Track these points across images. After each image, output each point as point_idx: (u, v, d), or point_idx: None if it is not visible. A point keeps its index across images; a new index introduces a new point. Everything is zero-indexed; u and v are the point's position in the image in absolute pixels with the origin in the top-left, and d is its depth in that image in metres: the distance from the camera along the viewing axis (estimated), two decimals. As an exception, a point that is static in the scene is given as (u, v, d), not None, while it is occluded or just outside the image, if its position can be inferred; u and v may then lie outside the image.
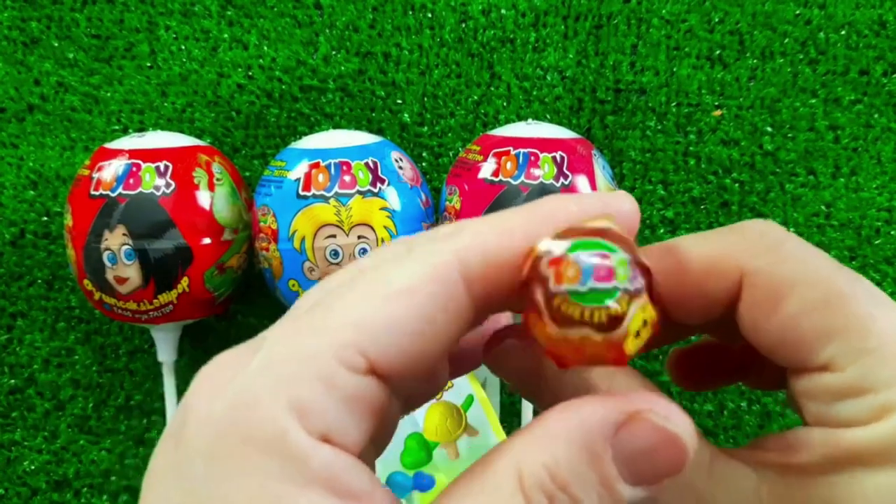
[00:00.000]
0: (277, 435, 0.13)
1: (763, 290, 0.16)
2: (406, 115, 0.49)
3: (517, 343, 0.18)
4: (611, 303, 0.14)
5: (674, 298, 0.18)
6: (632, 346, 0.14)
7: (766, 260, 0.17)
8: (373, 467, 0.15)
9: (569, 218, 0.15)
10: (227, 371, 0.15)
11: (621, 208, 0.16)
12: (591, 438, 0.14)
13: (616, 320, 0.14)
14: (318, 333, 0.14)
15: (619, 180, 0.48)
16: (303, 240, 0.39)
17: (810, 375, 0.16)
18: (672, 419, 0.14)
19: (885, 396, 0.15)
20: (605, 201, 0.16)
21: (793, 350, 0.16)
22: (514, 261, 0.15)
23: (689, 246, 0.18)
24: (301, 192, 0.39)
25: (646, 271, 0.14)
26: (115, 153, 0.40)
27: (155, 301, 0.40)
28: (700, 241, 0.18)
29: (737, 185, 0.48)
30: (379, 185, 0.39)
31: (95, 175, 0.40)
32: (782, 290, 0.16)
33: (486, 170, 0.40)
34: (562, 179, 0.39)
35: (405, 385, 0.15)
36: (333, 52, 0.50)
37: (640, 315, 0.14)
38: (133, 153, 0.40)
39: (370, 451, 0.16)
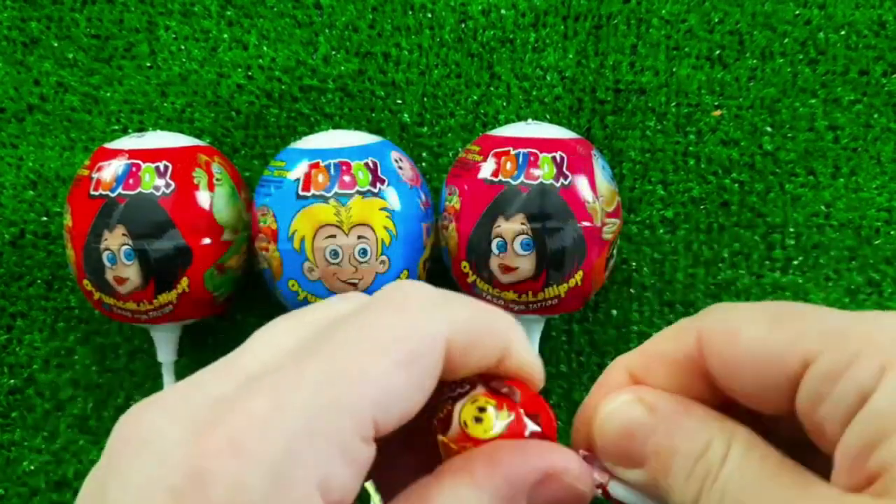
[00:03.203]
0: None
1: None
2: (406, 115, 0.49)
3: None
4: (438, 413, 0.18)
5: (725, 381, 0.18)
6: (478, 431, 0.18)
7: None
8: None
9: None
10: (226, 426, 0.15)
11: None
12: (510, 491, 0.16)
13: (445, 421, 0.18)
14: (338, 403, 0.15)
15: (619, 180, 0.48)
16: (302, 240, 0.39)
17: None
18: (582, 480, 0.17)
19: None
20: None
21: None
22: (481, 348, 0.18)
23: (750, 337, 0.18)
24: (301, 193, 0.39)
25: (479, 381, 0.18)
26: (114, 153, 0.40)
27: (155, 301, 0.40)
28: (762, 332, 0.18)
29: (737, 185, 0.48)
30: (379, 185, 0.39)
31: (95, 175, 0.40)
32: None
33: (486, 170, 0.40)
34: (561, 179, 0.39)
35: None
36: (333, 52, 0.50)
37: (469, 408, 0.18)
38: (133, 153, 0.40)
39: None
